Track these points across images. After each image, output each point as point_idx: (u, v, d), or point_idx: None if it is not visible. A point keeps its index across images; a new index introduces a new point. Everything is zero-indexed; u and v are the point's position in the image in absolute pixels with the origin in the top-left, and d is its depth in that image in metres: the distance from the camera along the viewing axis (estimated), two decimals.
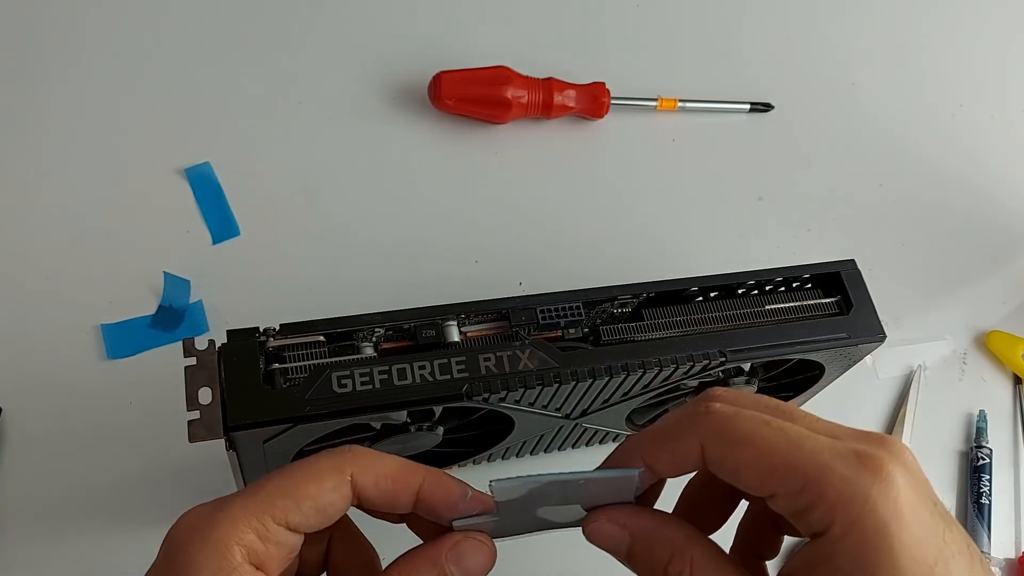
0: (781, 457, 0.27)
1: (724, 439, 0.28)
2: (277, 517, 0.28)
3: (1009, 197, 0.64)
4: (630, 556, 0.31)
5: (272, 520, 0.28)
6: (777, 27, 0.69)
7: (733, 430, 0.28)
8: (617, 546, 0.31)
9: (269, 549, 0.28)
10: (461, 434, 0.45)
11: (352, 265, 0.56)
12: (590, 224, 0.59)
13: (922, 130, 0.66)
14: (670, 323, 0.42)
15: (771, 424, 0.28)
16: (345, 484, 0.29)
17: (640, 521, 0.31)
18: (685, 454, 0.29)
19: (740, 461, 0.28)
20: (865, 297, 0.44)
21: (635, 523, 0.31)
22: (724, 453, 0.28)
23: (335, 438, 0.40)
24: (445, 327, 0.40)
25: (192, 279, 0.53)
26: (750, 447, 0.28)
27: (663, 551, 0.30)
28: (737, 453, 0.28)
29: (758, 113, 0.64)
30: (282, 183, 0.58)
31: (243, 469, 0.40)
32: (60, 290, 0.52)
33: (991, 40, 0.71)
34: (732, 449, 0.28)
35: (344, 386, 0.37)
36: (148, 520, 0.47)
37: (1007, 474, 0.55)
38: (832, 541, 0.26)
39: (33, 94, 0.58)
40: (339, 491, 0.29)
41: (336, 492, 0.29)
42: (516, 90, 0.59)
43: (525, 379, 0.38)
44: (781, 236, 0.61)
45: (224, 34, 0.62)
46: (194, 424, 0.35)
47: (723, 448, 0.28)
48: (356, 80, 0.62)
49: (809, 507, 0.27)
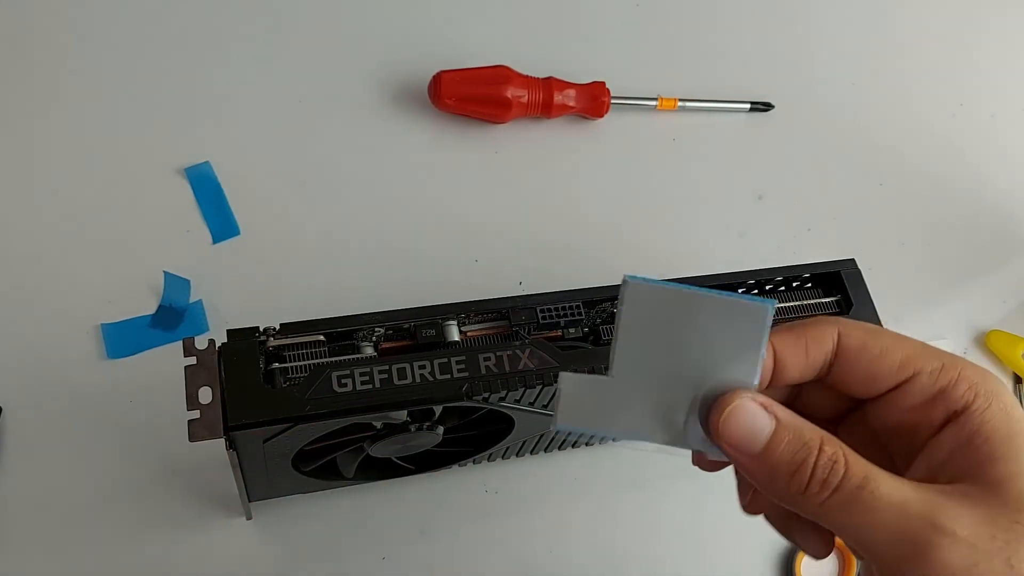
0: (918, 343, 0.29)
1: (862, 328, 0.29)
2: None
3: (1009, 197, 0.64)
4: (768, 447, 0.27)
5: None
6: (777, 27, 0.69)
7: (869, 324, 0.29)
8: (758, 432, 0.27)
9: None
10: (461, 433, 0.45)
11: (352, 264, 0.56)
12: (590, 224, 0.59)
13: (922, 130, 0.66)
14: None
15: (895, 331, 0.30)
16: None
17: (783, 410, 0.28)
18: (820, 342, 0.29)
19: (883, 346, 0.29)
20: (865, 297, 0.44)
21: (779, 410, 0.28)
22: (866, 339, 0.29)
23: (335, 437, 0.40)
24: (445, 327, 0.40)
25: (192, 279, 0.53)
26: (888, 335, 0.29)
27: (814, 436, 0.27)
28: (880, 339, 0.29)
29: (758, 112, 0.64)
30: (282, 182, 0.58)
31: (243, 468, 0.40)
32: (60, 290, 0.52)
33: (991, 40, 0.71)
34: (874, 335, 0.29)
35: (344, 386, 0.37)
36: (148, 519, 0.47)
37: None
38: (978, 412, 0.27)
39: (33, 94, 0.58)
40: None
41: None
42: (516, 90, 0.59)
43: (525, 379, 0.38)
44: (781, 236, 0.61)
45: (224, 33, 0.62)
46: (194, 423, 0.35)
47: (864, 333, 0.29)
48: (356, 79, 0.62)
49: (952, 384, 0.28)
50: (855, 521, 0.26)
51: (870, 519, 0.26)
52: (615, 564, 0.50)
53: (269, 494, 0.47)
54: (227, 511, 0.48)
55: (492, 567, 0.50)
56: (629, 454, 0.52)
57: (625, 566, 0.50)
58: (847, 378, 0.29)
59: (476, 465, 0.50)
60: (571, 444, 0.50)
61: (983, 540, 0.25)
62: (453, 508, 0.50)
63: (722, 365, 0.28)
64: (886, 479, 0.26)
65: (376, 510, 0.49)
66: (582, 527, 0.51)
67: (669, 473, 0.52)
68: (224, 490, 0.47)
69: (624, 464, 0.52)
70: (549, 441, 0.48)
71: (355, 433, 0.41)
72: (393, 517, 0.49)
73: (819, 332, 0.29)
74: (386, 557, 0.48)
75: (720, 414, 0.27)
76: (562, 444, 0.50)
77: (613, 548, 0.50)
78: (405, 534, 0.49)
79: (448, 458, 0.47)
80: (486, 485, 0.51)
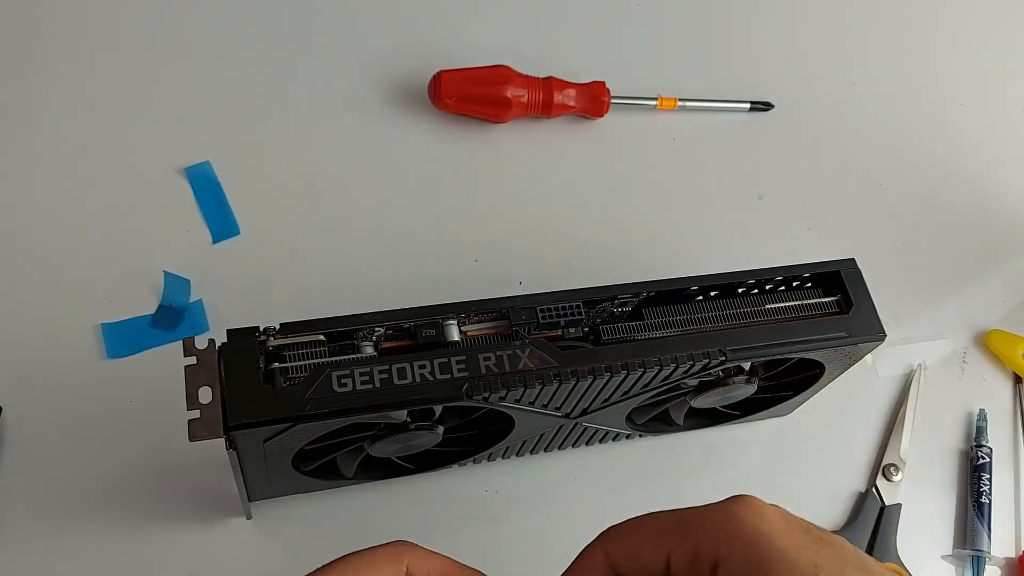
0: (662, 523, 0.32)
1: (616, 534, 0.33)
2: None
3: (1009, 196, 0.64)
4: None
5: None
6: (777, 26, 0.69)
7: (621, 527, 0.33)
8: None
9: None
10: (461, 433, 0.45)
11: (352, 264, 0.56)
12: (590, 223, 0.59)
13: (922, 129, 0.66)
14: (670, 322, 0.42)
15: (651, 513, 0.33)
16: (401, 574, 0.33)
17: None
18: (592, 566, 0.33)
19: (633, 542, 0.33)
20: (865, 296, 0.44)
21: None
22: (620, 544, 0.33)
23: (335, 437, 0.40)
24: (445, 326, 0.40)
25: (192, 278, 0.53)
26: (637, 529, 0.33)
27: None
28: (630, 538, 0.33)
29: (758, 112, 0.64)
30: (282, 182, 0.58)
31: (243, 468, 0.40)
32: (60, 290, 0.52)
33: (992, 39, 0.71)
34: (626, 538, 0.33)
35: (344, 385, 0.37)
36: (148, 519, 0.47)
37: (1007, 473, 0.55)
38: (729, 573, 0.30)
39: (33, 94, 0.58)
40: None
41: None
42: (516, 89, 0.59)
43: (525, 378, 0.38)
44: (781, 235, 0.61)
45: (224, 33, 0.62)
46: (194, 423, 0.35)
47: (618, 540, 0.33)
48: (356, 79, 0.62)
49: (696, 547, 0.31)
50: None
51: None
52: None
53: (269, 494, 0.47)
54: (227, 511, 0.48)
55: (492, 567, 0.49)
56: (629, 453, 0.52)
57: None
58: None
59: (476, 465, 0.50)
60: (571, 444, 0.50)
61: None
62: (453, 508, 0.50)
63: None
64: None
65: (376, 509, 0.49)
66: (582, 527, 0.51)
67: (669, 472, 0.52)
68: (224, 490, 0.47)
69: (624, 464, 0.52)
70: (549, 441, 0.48)
71: (355, 433, 0.41)
72: (393, 517, 0.49)
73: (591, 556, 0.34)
74: None
75: None
76: (562, 444, 0.50)
77: None
78: (405, 534, 0.49)
79: (448, 458, 0.47)
80: (486, 485, 0.51)
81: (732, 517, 0.31)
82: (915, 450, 0.54)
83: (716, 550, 0.30)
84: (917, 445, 0.54)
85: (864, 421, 0.55)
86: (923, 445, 0.55)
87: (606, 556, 0.33)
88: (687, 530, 0.31)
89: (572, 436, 0.48)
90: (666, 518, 0.32)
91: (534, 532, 0.50)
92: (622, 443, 0.52)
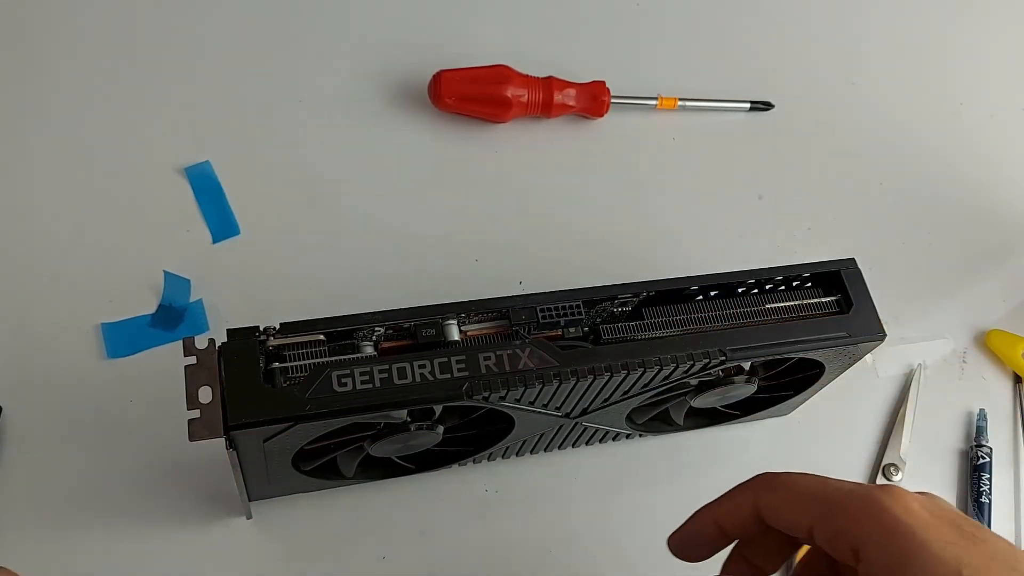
0: (812, 492, 0.33)
1: (769, 486, 0.34)
2: None
3: (1009, 196, 0.64)
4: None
5: None
6: (777, 26, 0.69)
7: (776, 480, 0.34)
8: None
9: None
10: (461, 433, 0.45)
11: (352, 263, 0.56)
12: (590, 223, 0.59)
13: (922, 129, 0.66)
14: (670, 322, 0.42)
15: (805, 474, 0.34)
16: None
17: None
18: (741, 506, 0.35)
19: (783, 500, 0.34)
20: (865, 296, 0.44)
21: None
22: (769, 498, 0.34)
23: (335, 437, 0.40)
24: (445, 326, 0.40)
25: (192, 278, 0.53)
26: (788, 489, 0.34)
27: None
28: (780, 495, 0.34)
29: (758, 112, 0.64)
30: (282, 182, 0.58)
31: (243, 468, 0.40)
32: (60, 290, 0.52)
33: (991, 38, 0.71)
34: (775, 493, 0.34)
35: (344, 385, 0.37)
36: (149, 520, 0.47)
37: (1007, 473, 0.55)
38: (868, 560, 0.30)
39: (32, 93, 0.58)
40: None
41: None
42: (516, 89, 0.59)
43: (525, 378, 0.38)
44: (781, 235, 0.61)
45: (224, 32, 0.62)
46: (194, 423, 0.35)
47: (768, 493, 0.34)
48: (356, 79, 0.62)
49: (838, 528, 0.31)
50: None
51: None
52: (615, 563, 0.50)
53: (269, 493, 0.47)
54: (227, 511, 0.48)
55: (492, 567, 0.50)
56: (629, 453, 0.52)
57: (625, 565, 0.50)
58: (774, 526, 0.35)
59: (476, 464, 0.50)
60: (571, 444, 0.50)
61: None
62: (453, 507, 0.50)
63: None
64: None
65: (376, 509, 0.49)
66: (582, 527, 0.51)
67: (669, 472, 0.53)
68: (224, 489, 0.47)
69: (624, 463, 0.52)
70: (549, 441, 0.48)
71: (355, 433, 0.41)
72: (393, 516, 0.49)
73: (740, 499, 0.35)
74: (386, 556, 0.48)
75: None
76: (562, 444, 0.50)
77: (613, 548, 0.50)
78: (405, 533, 0.49)
79: (448, 457, 0.47)
80: (486, 485, 0.51)
81: (875, 504, 0.31)
82: (915, 450, 0.54)
83: (858, 535, 0.31)
84: (917, 445, 0.54)
85: (864, 421, 0.55)
86: (923, 445, 0.55)
87: (755, 503, 0.34)
88: (831, 509, 0.32)
89: (572, 436, 0.48)
90: (815, 488, 0.33)
91: (534, 532, 0.50)
92: (622, 443, 0.52)
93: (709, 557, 0.37)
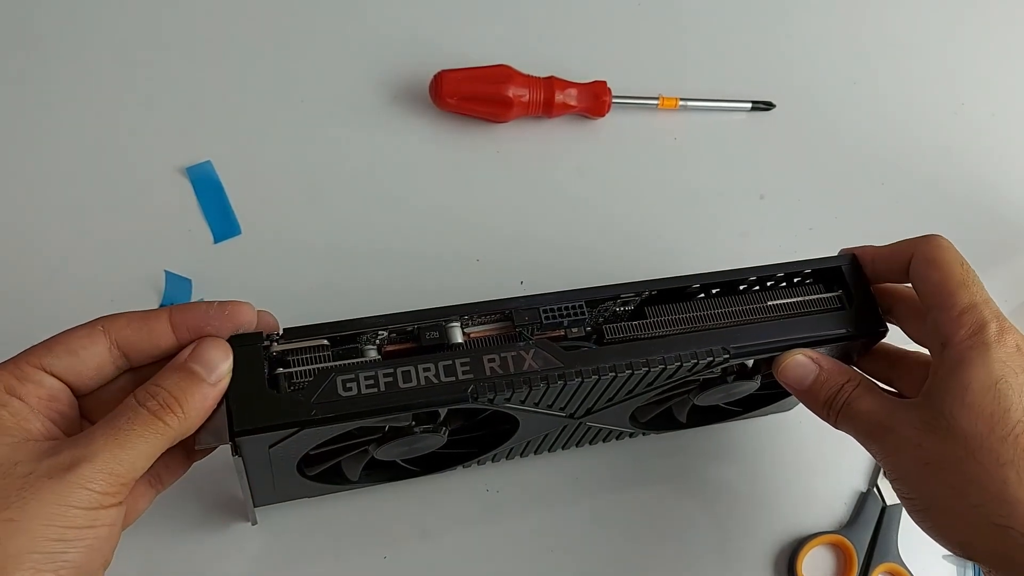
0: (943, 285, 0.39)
1: (925, 258, 0.41)
2: (31, 361, 0.34)
3: (1010, 195, 0.64)
4: (812, 386, 0.42)
5: (27, 364, 0.34)
6: (778, 26, 0.69)
7: (936, 256, 0.40)
8: (805, 377, 0.42)
9: (25, 385, 0.34)
10: (466, 435, 0.45)
11: (353, 264, 0.56)
12: (592, 223, 0.59)
13: (923, 129, 0.66)
14: (673, 320, 0.42)
15: (963, 264, 0.40)
16: (96, 332, 0.35)
17: (827, 360, 0.42)
18: (900, 256, 0.42)
19: (928, 277, 0.40)
20: (866, 292, 0.44)
21: (824, 360, 0.42)
22: (921, 268, 0.41)
23: (340, 441, 0.40)
24: (449, 329, 0.40)
25: (193, 278, 0.53)
26: (938, 270, 0.40)
27: (841, 378, 0.42)
28: (930, 271, 0.40)
29: (760, 112, 0.64)
30: (283, 182, 0.58)
31: (249, 474, 0.40)
32: (61, 289, 0.52)
33: (992, 38, 0.71)
34: (927, 267, 0.40)
35: (349, 389, 0.37)
36: (153, 524, 0.47)
37: None
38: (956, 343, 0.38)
39: (33, 93, 0.58)
40: (91, 336, 0.35)
41: (87, 337, 0.35)
42: (517, 89, 0.59)
43: (530, 379, 0.38)
44: (783, 235, 0.61)
45: (225, 32, 0.62)
46: (200, 429, 0.35)
47: (921, 265, 0.41)
48: (357, 79, 0.61)
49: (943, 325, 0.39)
50: (848, 428, 0.42)
51: (854, 426, 0.41)
52: (615, 563, 0.50)
53: (274, 499, 0.46)
54: (232, 516, 0.48)
55: (493, 567, 0.50)
56: (629, 454, 0.52)
57: (625, 565, 0.50)
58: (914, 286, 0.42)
59: (480, 466, 0.50)
60: (574, 444, 0.50)
61: (914, 432, 0.39)
62: (455, 508, 0.50)
63: None
64: (867, 401, 0.41)
65: (377, 510, 0.49)
66: (582, 527, 0.51)
67: (669, 472, 0.53)
68: (228, 495, 0.47)
69: (624, 464, 0.52)
70: (553, 441, 0.48)
71: (360, 436, 0.41)
72: (394, 517, 0.49)
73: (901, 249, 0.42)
74: (387, 557, 0.49)
75: (782, 361, 0.42)
76: (566, 444, 0.50)
77: (613, 548, 0.50)
78: (407, 534, 0.49)
79: (453, 459, 0.47)
80: (487, 485, 0.51)
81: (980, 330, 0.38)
82: None
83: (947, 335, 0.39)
84: None
85: None
86: None
87: (912, 253, 0.41)
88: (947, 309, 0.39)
89: (576, 436, 0.48)
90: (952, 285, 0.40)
91: (537, 532, 0.50)
92: (625, 441, 0.52)
93: None
